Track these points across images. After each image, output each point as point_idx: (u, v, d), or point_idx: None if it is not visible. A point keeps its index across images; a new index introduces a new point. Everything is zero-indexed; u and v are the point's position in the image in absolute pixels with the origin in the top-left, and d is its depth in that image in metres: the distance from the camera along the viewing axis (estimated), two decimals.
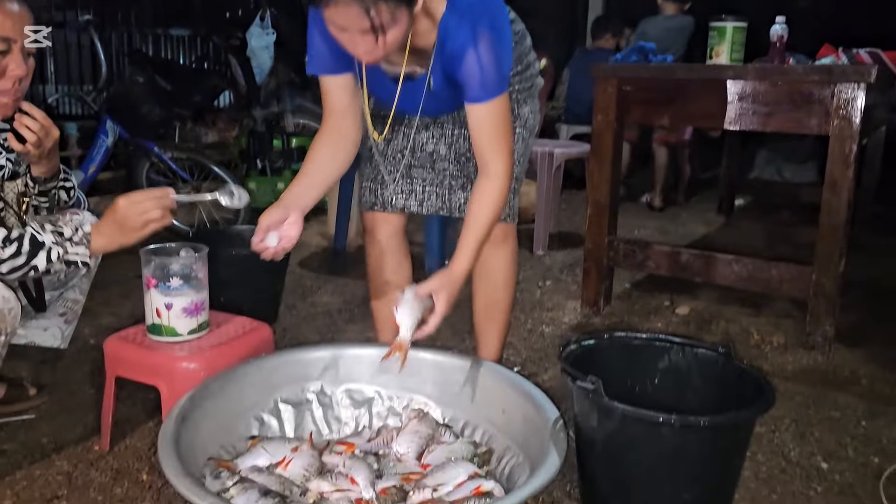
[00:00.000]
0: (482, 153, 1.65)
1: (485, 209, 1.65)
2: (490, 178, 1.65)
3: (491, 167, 1.64)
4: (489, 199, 1.65)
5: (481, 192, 1.66)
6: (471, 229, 1.65)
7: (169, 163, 3.92)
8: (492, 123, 1.61)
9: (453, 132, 1.82)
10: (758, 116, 2.50)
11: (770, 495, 1.69)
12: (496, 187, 1.64)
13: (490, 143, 1.63)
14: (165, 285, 1.73)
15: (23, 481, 1.66)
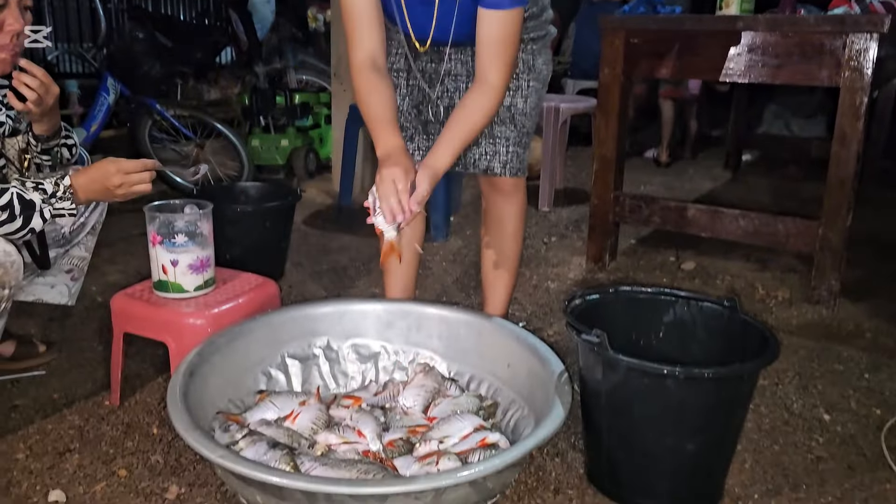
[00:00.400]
0: (484, 62, 1.61)
1: (475, 115, 1.63)
2: (487, 87, 1.62)
3: (490, 77, 1.61)
4: (482, 107, 1.63)
5: (474, 99, 1.63)
6: (458, 130, 1.62)
7: (171, 120, 3.89)
8: (501, 34, 1.58)
9: (467, 86, 1.80)
10: (768, 69, 2.46)
11: (772, 446, 1.71)
12: (491, 98, 1.63)
13: (495, 52, 1.60)
14: (171, 242, 1.73)
15: (35, 435, 1.68)
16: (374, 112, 1.64)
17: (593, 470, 1.57)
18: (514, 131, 1.82)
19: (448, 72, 1.80)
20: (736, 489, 1.55)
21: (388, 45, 1.76)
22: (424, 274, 2.82)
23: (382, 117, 1.63)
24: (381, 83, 1.66)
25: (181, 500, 1.47)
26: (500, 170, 1.84)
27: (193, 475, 1.55)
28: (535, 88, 1.83)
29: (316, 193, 4.02)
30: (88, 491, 1.49)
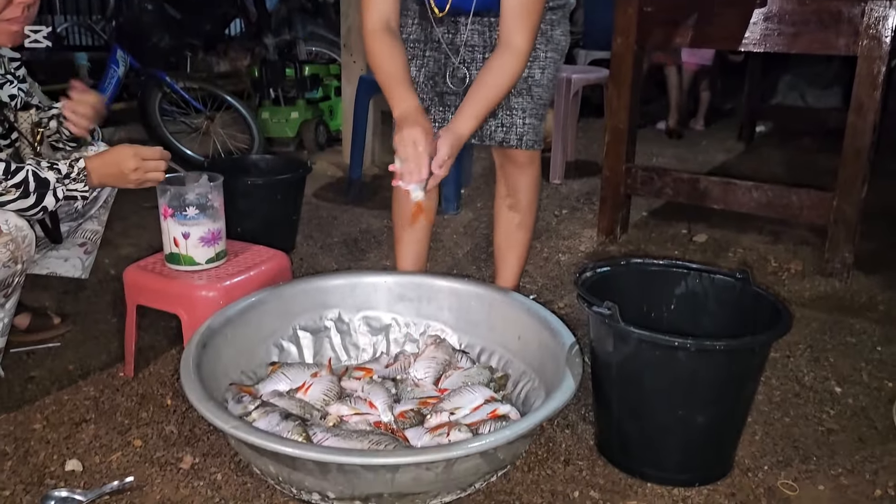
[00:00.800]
0: (509, 26, 1.60)
1: (500, 80, 1.62)
2: (512, 52, 1.61)
3: (515, 42, 1.60)
4: (507, 72, 1.62)
5: (500, 64, 1.62)
6: (481, 96, 1.61)
7: (181, 93, 3.88)
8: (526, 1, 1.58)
9: (483, 56, 1.78)
10: (784, 37, 2.42)
11: (783, 418, 1.71)
12: (516, 63, 1.62)
13: (520, 17, 1.59)
14: (182, 215, 1.73)
15: (52, 406, 1.71)
16: (388, 74, 1.63)
17: (603, 441, 1.57)
18: (530, 103, 1.80)
19: (465, 42, 1.78)
20: (746, 461, 1.55)
21: (404, 16, 1.75)
22: (435, 247, 2.82)
23: (397, 78, 1.62)
24: (395, 45, 1.65)
25: (195, 470, 1.49)
26: (516, 142, 1.82)
27: (207, 445, 1.57)
28: (553, 59, 1.81)
29: (326, 166, 4.01)
30: (104, 461, 1.51)
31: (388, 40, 1.65)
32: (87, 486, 1.43)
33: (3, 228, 1.42)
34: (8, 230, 1.43)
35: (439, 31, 1.79)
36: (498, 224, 2.01)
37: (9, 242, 1.43)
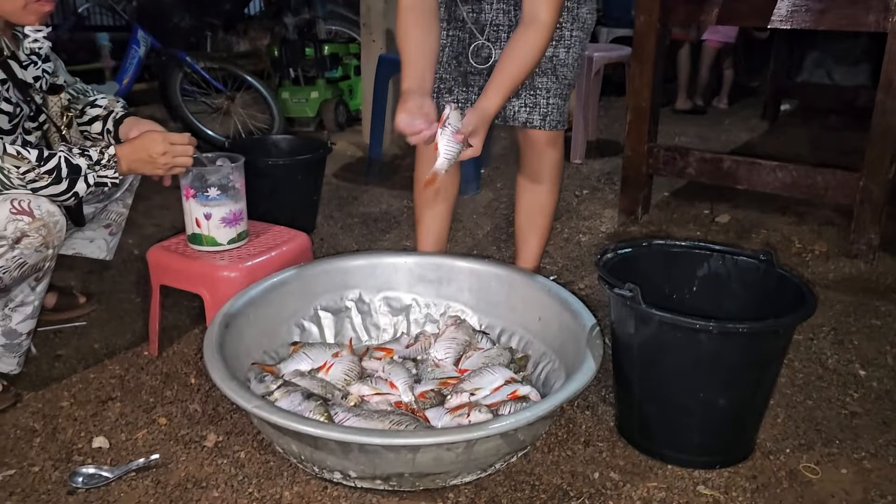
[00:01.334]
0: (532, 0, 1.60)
1: (525, 55, 1.61)
2: (537, 25, 1.60)
3: (539, 15, 1.59)
4: (532, 46, 1.61)
5: (525, 39, 1.61)
6: (507, 72, 1.61)
7: (202, 73, 3.88)
8: None
9: (508, 35, 1.76)
10: (811, 14, 2.37)
11: (805, 401, 1.70)
12: (540, 37, 1.61)
13: None
14: (203, 195, 1.74)
15: (79, 384, 1.74)
16: (402, 52, 1.68)
17: (624, 423, 1.57)
18: (555, 83, 1.78)
19: (490, 21, 1.76)
20: (768, 443, 1.54)
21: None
22: (456, 227, 2.82)
23: (407, 59, 1.67)
24: (418, 23, 1.67)
25: (219, 448, 1.51)
26: (539, 122, 1.81)
27: (230, 424, 1.59)
28: (579, 38, 1.79)
29: (346, 146, 4.01)
30: (130, 438, 1.54)
31: (411, 22, 1.67)
32: (114, 462, 1.46)
33: (36, 214, 1.44)
34: (40, 215, 1.45)
35: (464, 9, 1.77)
36: (519, 205, 2.00)
37: (41, 227, 1.45)
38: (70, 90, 1.78)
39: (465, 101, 1.84)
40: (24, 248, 1.45)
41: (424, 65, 1.67)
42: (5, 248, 1.43)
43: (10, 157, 1.42)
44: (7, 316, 1.59)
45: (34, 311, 1.61)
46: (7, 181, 1.42)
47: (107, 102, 1.79)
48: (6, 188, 1.43)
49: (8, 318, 1.59)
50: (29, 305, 1.60)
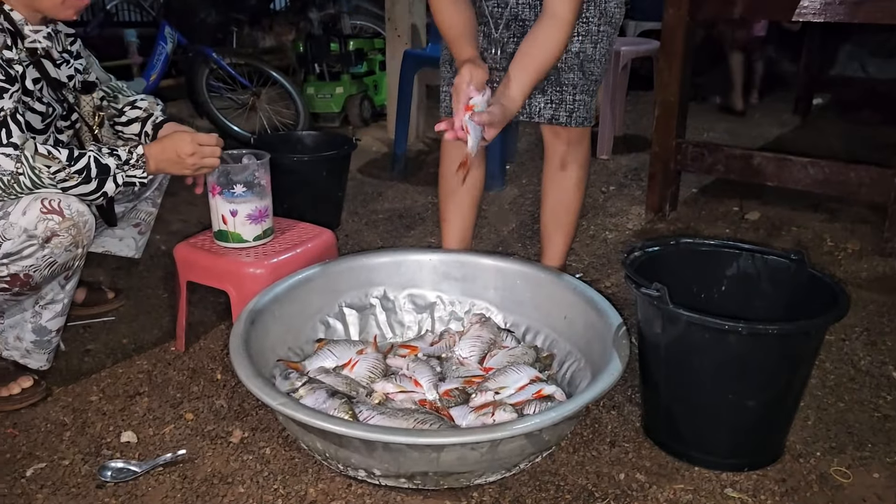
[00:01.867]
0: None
1: (547, 51, 1.59)
2: (557, 20, 1.58)
3: (557, 10, 1.57)
4: (553, 41, 1.59)
5: (545, 34, 1.59)
6: (529, 68, 1.59)
7: (228, 69, 3.91)
8: None
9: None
10: (845, 6, 2.31)
11: (837, 403, 1.67)
12: (559, 32, 1.59)
13: None
14: (230, 192, 1.75)
15: (107, 378, 1.76)
16: (447, 31, 1.68)
17: (650, 424, 1.56)
18: (581, 79, 1.76)
19: (515, 16, 1.75)
20: (798, 446, 1.52)
21: None
22: (481, 223, 2.80)
23: (456, 34, 1.66)
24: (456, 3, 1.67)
25: (244, 444, 1.52)
26: (565, 119, 1.79)
27: (256, 420, 1.60)
28: (607, 33, 1.76)
29: (371, 141, 4.01)
30: (158, 433, 1.55)
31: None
32: (142, 457, 1.47)
33: (66, 213, 1.46)
34: (70, 215, 1.46)
35: (488, 4, 1.76)
36: (545, 202, 1.98)
37: (71, 227, 1.47)
38: (104, 88, 1.80)
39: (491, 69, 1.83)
40: (53, 247, 1.46)
41: (471, 34, 1.67)
42: (35, 247, 1.45)
43: (42, 157, 1.44)
44: (38, 313, 1.61)
45: (63, 308, 1.63)
46: (38, 181, 1.44)
47: (147, 105, 1.81)
48: (37, 187, 1.45)
49: (38, 315, 1.61)
50: (59, 303, 1.62)
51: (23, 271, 1.46)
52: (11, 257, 1.45)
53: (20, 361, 1.63)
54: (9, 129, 1.41)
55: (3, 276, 1.46)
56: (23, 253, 1.45)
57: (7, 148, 1.41)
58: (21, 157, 1.41)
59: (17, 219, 1.43)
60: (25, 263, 1.46)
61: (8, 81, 1.44)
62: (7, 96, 1.43)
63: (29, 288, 1.51)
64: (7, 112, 1.42)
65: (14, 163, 1.41)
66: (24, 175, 1.42)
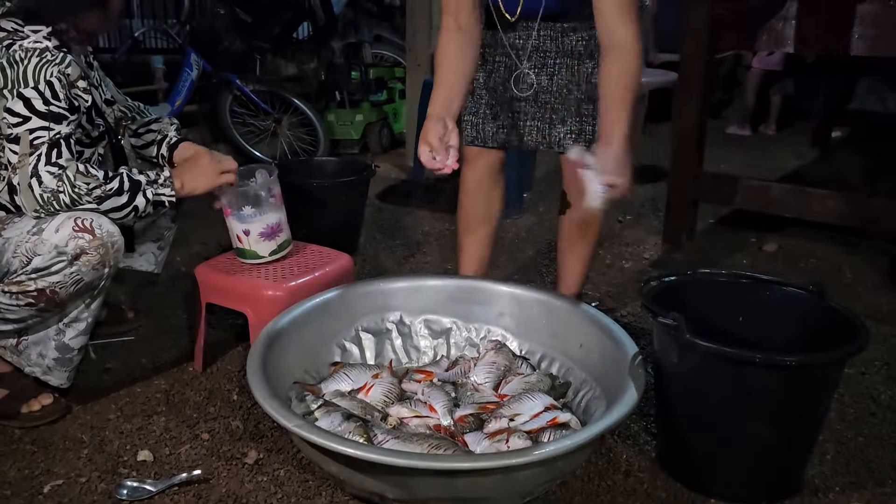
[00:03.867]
0: (610, 25, 1.57)
1: (625, 79, 1.55)
2: (622, 49, 1.56)
3: (620, 39, 1.56)
4: (626, 69, 1.56)
5: (617, 64, 1.56)
6: (616, 100, 1.55)
7: (250, 95, 3.98)
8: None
9: (555, 62, 1.76)
10: (865, 40, 2.32)
11: (856, 438, 1.65)
12: (631, 58, 1.56)
13: (619, 12, 1.55)
14: (239, 213, 1.78)
15: (126, 397, 1.78)
16: (437, 73, 1.71)
17: (666, 455, 1.54)
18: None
19: (536, 48, 1.77)
20: (816, 481, 1.50)
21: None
22: (497, 251, 2.81)
23: (437, 82, 1.70)
24: (456, 48, 1.70)
25: (259, 465, 1.52)
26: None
27: (271, 441, 1.60)
28: None
29: (390, 168, 4.05)
30: (174, 452, 1.56)
31: (450, 42, 1.70)
32: (158, 476, 1.48)
33: (97, 233, 1.49)
34: (101, 234, 1.50)
35: (509, 36, 1.78)
36: (562, 230, 1.99)
37: (100, 247, 1.50)
38: (121, 107, 1.84)
39: (510, 128, 1.84)
40: (82, 265, 1.49)
41: (455, 88, 1.69)
42: (64, 263, 1.48)
43: (81, 176, 1.50)
44: (61, 331, 1.63)
45: (87, 327, 1.66)
46: (77, 199, 1.50)
47: (160, 126, 1.85)
48: (75, 205, 1.50)
49: (62, 332, 1.63)
50: (83, 322, 1.64)
51: (49, 287, 1.49)
52: (40, 272, 1.48)
53: (41, 378, 1.66)
54: (60, 150, 1.49)
55: (31, 290, 1.49)
56: (51, 269, 1.48)
57: (53, 167, 1.48)
58: (63, 175, 1.48)
59: (50, 235, 1.48)
60: (53, 279, 1.49)
61: (70, 110, 1.52)
62: (65, 123, 1.51)
63: (54, 305, 1.53)
64: (62, 135, 1.50)
65: (56, 181, 1.47)
66: (64, 193, 1.48)
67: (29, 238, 1.49)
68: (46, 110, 1.48)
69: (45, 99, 1.48)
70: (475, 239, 2.00)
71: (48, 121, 1.48)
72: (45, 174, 1.47)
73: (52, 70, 1.49)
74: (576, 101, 1.76)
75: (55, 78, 1.49)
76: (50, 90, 1.48)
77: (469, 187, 1.97)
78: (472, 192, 1.97)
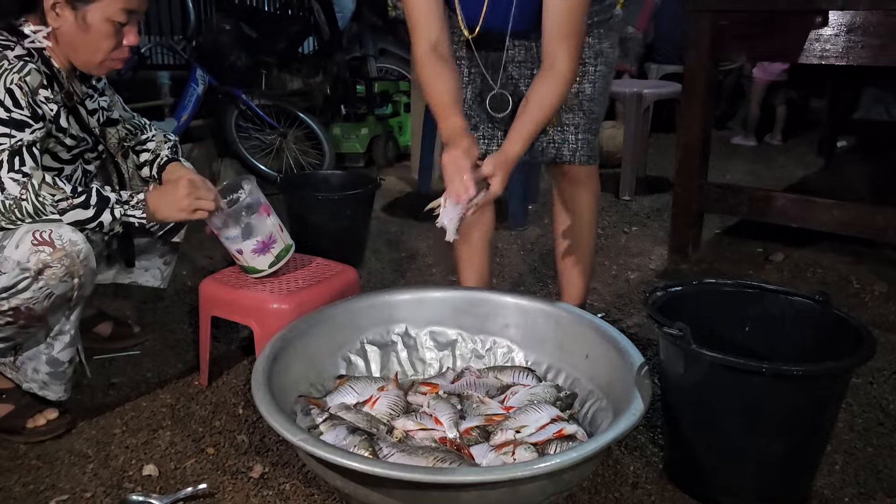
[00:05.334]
0: (551, 48, 1.58)
1: (545, 103, 1.59)
2: (556, 75, 1.58)
3: (558, 65, 1.58)
4: (551, 95, 1.59)
5: (545, 89, 1.59)
6: (528, 119, 1.59)
7: (256, 110, 4.00)
8: (568, 18, 1.55)
9: (531, 73, 1.77)
10: (868, 49, 2.33)
11: (865, 448, 1.63)
12: (560, 86, 1.59)
13: (563, 38, 1.56)
14: (227, 237, 1.78)
15: (131, 412, 1.78)
16: (435, 98, 1.64)
17: (673, 466, 1.53)
18: (583, 118, 1.79)
19: (511, 59, 1.78)
20: (825, 491, 1.48)
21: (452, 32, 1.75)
22: (502, 263, 2.82)
23: (443, 101, 1.62)
24: (443, 69, 1.65)
25: (265, 480, 1.52)
26: (569, 157, 1.81)
27: (276, 455, 1.60)
28: (603, 73, 1.79)
29: (395, 181, 4.06)
30: (179, 467, 1.56)
31: (435, 66, 1.64)
32: (163, 491, 1.48)
33: (57, 244, 1.47)
34: (61, 245, 1.47)
35: (484, 49, 1.77)
36: (558, 243, 1.99)
37: (63, 258, 1.48)
38: (127, 125, 1.85)
39: (490, 138, 1.85)
40: (48, 278, 1.47)
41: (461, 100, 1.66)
42: (29, 279, 1.46)
43: (47, 186, 1.48)
44: (50, 345, 1.62)
45: (72, 339, 1.64)
46: (41, 208, 1.48)
47: (154, 146, 1.85)
48: (39, 215, 1.48)
49: (51, 346, 1.62)
50: (66, 334, 1.62)
51: (23, 304, 1.47)
52: (9, 291, 1.46)
53: (39, 393, 1.65)
54: (23, 158, 1.47)
55: (5, 310, 1.47)
56: (18, 286, 1.46)
57: (17, 174, 1.46)
58: (28, 183, 1.46)
59: (11, 252, 1.45)
60: (24, 297, 1.47)
61: (33, 118, 1.50)
62: (28, 130, 1.49)
63: (35, 320, 1.52)
64: (24, 143, 1.48)
65: (20, 188, 1.45)
66: (27, 201, 1.46)
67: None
68: (7, 117, 1.46)
69: (6, 107, 1.46)
70: (469, 247, 2.00)
71: (10, 128, 1.46)
72: (8, 181, 1.45)
73: (11, 77, 1.47)
74: (557, 112, 1.76)
75: (15, 86, 1.47)
76: (10, 97, 1.46)
77: None
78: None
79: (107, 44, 1.58)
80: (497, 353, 1.85)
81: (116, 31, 1.57)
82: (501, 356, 1.84)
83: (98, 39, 1.57)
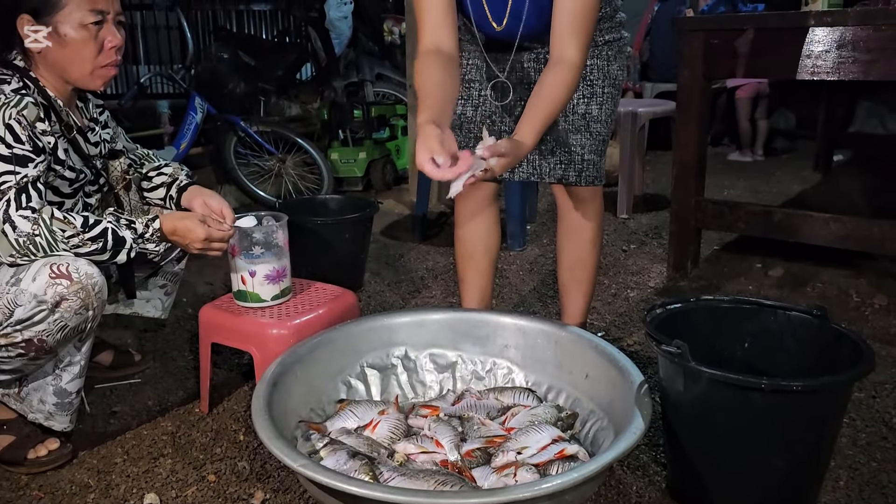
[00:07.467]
0: (561, 39, 1.58)
1: (556, 95, 1.57)
2: (566, 66, 1.57)
3: (568, 55, 1.57)
4: (563, 87, 1.57)
5: (555, 80, 1.58)
6: (541, 111, 1.56)
7: (255, 136, 4.03)
8: (579, 9, 1.55)
9: (540, 69, 1.78)
10: (859, 64, 2.35)
11: (869, 463, 1.62)
12: (570, 76, 1.58)
13: (573, 29, 1.56)
14: (249, 254, 1.79)
15: (132, 440, 1.77)
16: (419, 94, 1.60)
17: (676, 485, 1.53)
18: (589, 139, 1.80)
19: (520, 80, 1.80)
20: None
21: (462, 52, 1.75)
22: (501, 283, 2.82)
23: (424, 95, 1.58)
24: (437, 66, 1.61)
25: None
26: (575, 178, 1.82)
27: (277, 481, 1.59)
28: (611, 94, 1.80)
29: (393, 204, 4.08)
30: (180, 495, 1.55)
31: (431, 62, 1.62)
32: None
33: (74, 277, 1.48)
34: (78, 278, 1.48)
35: (489, 56, 1.78)
36: (561, 261, 2.00)
37: (79, 290, 1.48)
38: (130, 156, 1.87)
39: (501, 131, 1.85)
40: (63, 311, 1.48)
41: (444, 99, 1.59)
42: (46, 311, 1.46)
43: (58, 221, 1.49)
44: (58, 376, 1.63)
45: (81, 370, 1.65)
46: (54, 243, 1.48)
47: (172, 170, 1.87)
48: (52, 250, 1.48)
49: (59, 377, 1.63)
50: (76, 365, 1.63)
51: (36, 336, 1.48)
52: (24, 323, 1.47)
53: (44, 424, 1.65)
54: (29, 194, 1.47)
55: (18, 342, 1.48)
56: (34, 319, 1.46)
57: (26, 210, 1.46)
58: (38, 219, 1.46)
59: (28, 285, 1.46)
60: (38, 329, 1.47)
61: (35, 152, 1.50)
62: (31, 165, 1.49)
63: (45, 352, 1.52)
64: (29, 179, 1.48)
65: (31, 224, 1.46)
66: (41, 236, 1.46)
67: (8, 289, 1.47)
68: (10, 154, 1.46)
69: (7, 143, 1.46)
70: (475, 271, 2.00)
71: (13, 164, 1.46)
72: (19, 219, 1.45)
73: (9, 112, 1.47)
74: (564, 133, 1.78)
75: (14, 120, 1.47)
76: (10, 133, 1.46)
77: (463, 219, 1.98)
78: (467, 225, 1.98)
79: (88, 50, 1.58)
80: (497, 374, 1.85)
81: (93, 35, 1.58)
82: (502, 377, 1.84)
83: (79, 49, 1.57)
